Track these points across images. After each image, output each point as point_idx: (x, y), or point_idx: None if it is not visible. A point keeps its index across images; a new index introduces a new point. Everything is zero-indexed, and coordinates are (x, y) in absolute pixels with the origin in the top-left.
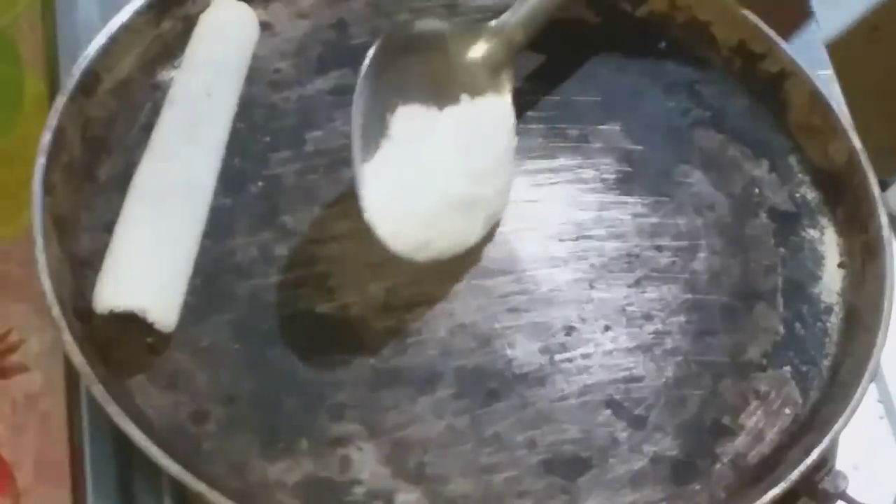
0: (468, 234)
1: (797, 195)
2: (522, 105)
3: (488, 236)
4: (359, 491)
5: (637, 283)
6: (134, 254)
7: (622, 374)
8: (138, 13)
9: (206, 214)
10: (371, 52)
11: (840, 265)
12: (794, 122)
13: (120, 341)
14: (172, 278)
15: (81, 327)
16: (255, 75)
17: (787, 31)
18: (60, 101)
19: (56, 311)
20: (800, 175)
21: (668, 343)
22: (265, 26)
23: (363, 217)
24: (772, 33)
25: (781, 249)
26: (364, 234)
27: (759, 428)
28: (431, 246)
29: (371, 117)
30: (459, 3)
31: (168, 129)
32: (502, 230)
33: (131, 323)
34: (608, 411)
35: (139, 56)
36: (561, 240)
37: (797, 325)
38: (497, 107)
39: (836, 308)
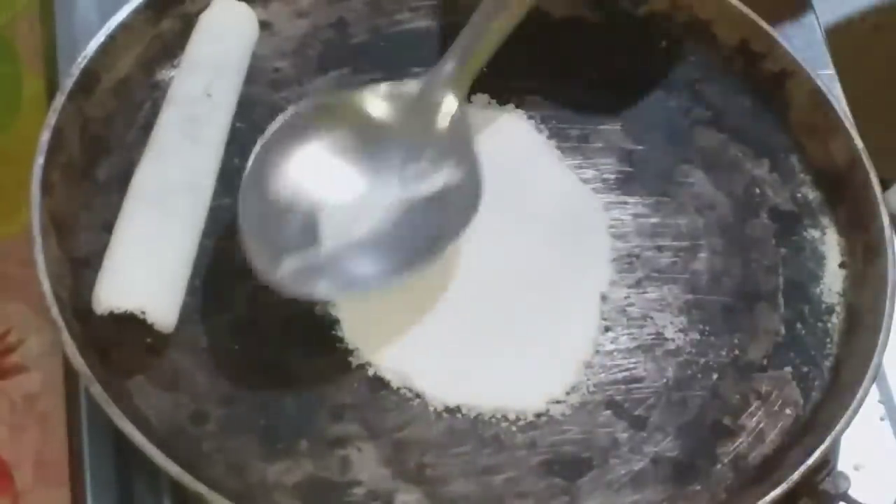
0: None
1: (798, 195)
2: (523, 105)
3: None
4: (358, 492)
5: (638, 283)
6: (133, 254)
7: (622, 374)
8: (137, 12)
9: (205, 214)
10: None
11: (841, 265)
12: (795, 121)
13: (119, 341)
14: (172, 278)
15: (80, 327)
16: (255, 75)
17: (785, 20)
18: (59, 100)
19: (55, 311)
20: (801, 175)
21: (669, 343)
22: (265, 25)
23: None
24: (773, 32)
25: (782, 249)
26: None
27: (759, 429)
28: None
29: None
30: (458, 2)
31: (167, 128)
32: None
33: (131, 323)
34: (608, 412)
35: (138, 55)
36: None
37: (798, 325)
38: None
39: (838, 308)
